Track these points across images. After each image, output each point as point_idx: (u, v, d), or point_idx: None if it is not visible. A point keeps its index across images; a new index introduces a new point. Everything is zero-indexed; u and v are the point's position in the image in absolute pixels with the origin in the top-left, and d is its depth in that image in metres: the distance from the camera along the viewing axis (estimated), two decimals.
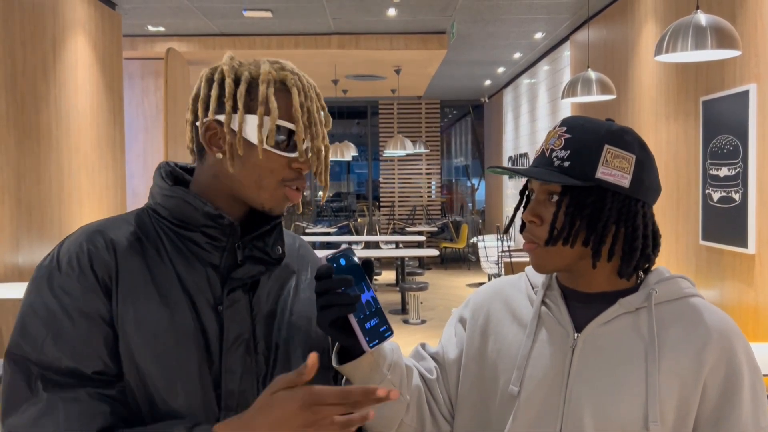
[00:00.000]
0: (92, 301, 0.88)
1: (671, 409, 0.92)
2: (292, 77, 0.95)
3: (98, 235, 0.93)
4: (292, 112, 0.94)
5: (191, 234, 0.96)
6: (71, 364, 0.85)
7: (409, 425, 1.06)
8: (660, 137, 4.78)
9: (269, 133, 0.93)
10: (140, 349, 0.89)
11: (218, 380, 0.93)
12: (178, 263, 0.95)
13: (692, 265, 4.27)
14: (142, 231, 0.96)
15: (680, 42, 2.89)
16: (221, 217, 0.95)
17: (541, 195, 1.00)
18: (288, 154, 0.94)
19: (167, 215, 0.97)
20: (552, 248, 0.97)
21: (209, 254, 0.96)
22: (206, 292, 0.94)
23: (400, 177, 12.67)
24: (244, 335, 0.95)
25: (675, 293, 1.00)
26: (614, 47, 5.74)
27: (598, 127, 0.98)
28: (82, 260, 0.90)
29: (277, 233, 1.03)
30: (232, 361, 0.94)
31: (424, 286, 7.17)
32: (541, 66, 8.47)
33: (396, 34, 7.28)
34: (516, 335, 1.05)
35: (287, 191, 0.97)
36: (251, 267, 0.98)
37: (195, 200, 0.95)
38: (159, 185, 0.99)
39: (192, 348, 0.91)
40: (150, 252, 0.94)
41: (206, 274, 0.95)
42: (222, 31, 7.13)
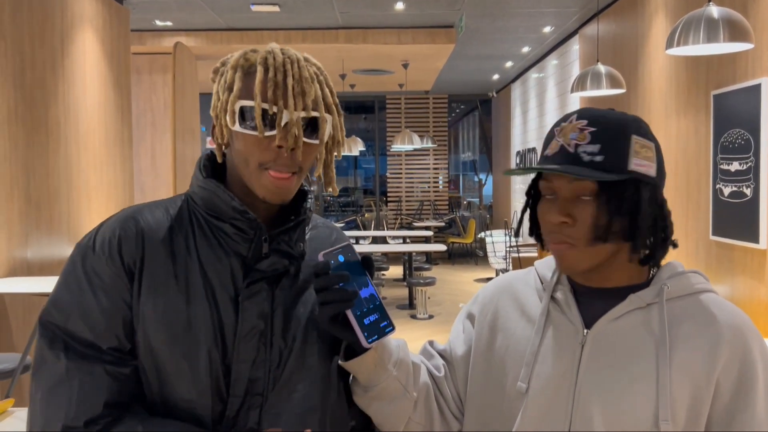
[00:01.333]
0: (117, 284, 0.93)
1: (683, 408, 0.90)
2: (264, 56, 0.95)
3: (131, 221, 0.98)
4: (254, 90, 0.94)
5: (221, 224, 0.99)
6: (91, 338, 0.91)
7: (418, 423, 1.05)
8: (670, 132, 4.74)
9: (230, 114, 0.94)
10: (155, 335, 0.92)
11: (229, 368, 0.94)
12: (204, 253, 0.98)
13: (702, 260, 4.24)
14: (178, 217, 1.00)
15: (692, 35, 2.86)
16: (246, 213, 0.97)
17: (568, 193, 0.95)
18: (248, 131, 0.94)
19: (201, 204, 1.01)
20: (591, 247, 0.94)
21: (237, 245, 0.98)
22: (227, 282, 0.97)
23: (407, 172, 12.65)
24: (260, 327, 0.96)
25: (687, 288, 0.97)
26: (624, 41, 5.70)
27: (620, 117, 0.95)
28: (113, 245, 0.95)
29: (300, 230, 1.03)
30: (245, 351, 0.95)
31: (431, 281, 7.16)
32: (550, 60, 8.42)
33: (404, 29, 7.25)
34: (525, 331, 1.03)
35: (269, 176, 0.95)
36: (276, 260, 0.99)
37: (224, 194, 0.98)
38: (196, 175, 1.03)
39: (204, 336, 0.93)
40: (177, 241, 0.98)
41: (230, 264, 0.98)
42: (229, 26, 7.13)
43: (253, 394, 0.95)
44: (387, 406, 1.01)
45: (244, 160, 0.96)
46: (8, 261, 3.86)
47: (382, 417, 1.03)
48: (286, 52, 0.97)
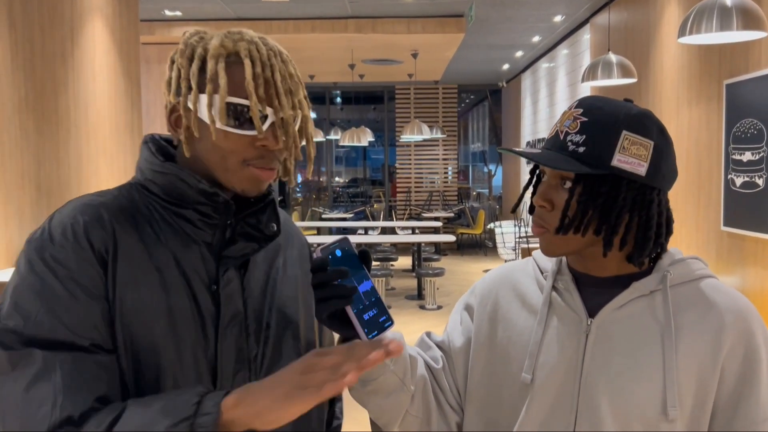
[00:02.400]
0: (88, 272, 0.84)
1: (689, 393, 0.90)
2: (247, 47, 0.89)
3: (93, 208, 0.89)
4: (245, 86, 0.89)
5: (183, 211, 0.93)
6: (68, 337, 0.81)
7: (415, 416, 1.04)
8: (682, 121, 4.70)
9: (219, 111, 0.87)
10: (138, 332, 0.86)
11: (214, 363, 0.91)
12: (173, 242, 0.91)
13: (713, 251, 4.21)
14: (135, 207, 0.92)
15: (705, 23, 2.82)
16: (216, 195, 0.92)
17: (552, 179, 0.96)
18: (244, 131, 0.89)
19: (158, 191, 0.93)
20: (562, 236, 0.94)
21: (202, 232, 0.93)
22: (201, 271, 0.92)
23: (416, 163, 12.62)
24: (238, 316, 0.93)
25: (689, 275, 0.97)
26: (635, 30, 5.64)
27: (617, 110, 0.93)
28: (78, 231, 0.86)
29: (271, 210, 0.99)
30: (228, 343, 0.92)
31: (440, 272, 7.16)
32: (560, 50, 8.36)
33: (413, 18, 7.22)
34: (526, 322, 1.02)
35: (253, 171, 0.91)
36: (244, 245, 0.95)
37: (190, 177, 0.91)
38: (149, 160, 0.95)
39: (188, 331, 0.89)
40: (145, 229, 0.91)
41: (200, 252, 0.93)
42: (238, 16, 7.12)
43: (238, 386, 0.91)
44: (384, 400, 1.00)
45: (222, 156, 0.91)
46: (19, 249, 3.89)
47: (379, 411, 1.02)
48: (266, 43, 0.92)
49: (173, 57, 0.94)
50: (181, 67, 0.91)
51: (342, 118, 17.03)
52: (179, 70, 0.92)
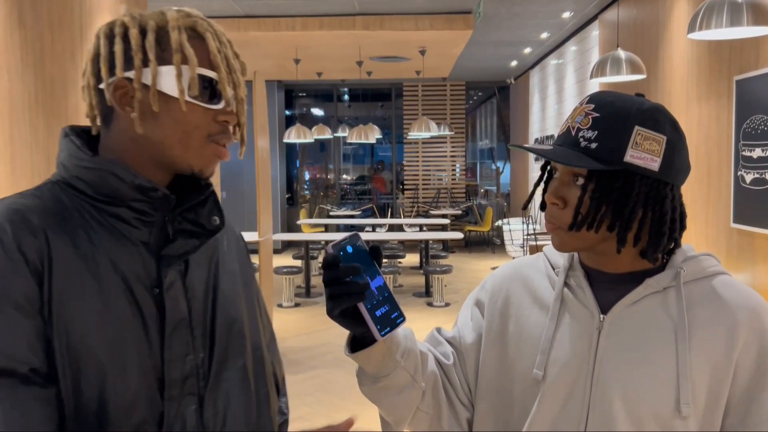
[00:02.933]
0: (21, 288, 0.77)
1: (703, 391, 0.90)
2: (202, 22, 0.89)
3: (20, 214, 0.81)
4: (210, 59, 0.87)
5: (117, 209, 0.86)
6: (6, 365, 0.74)
7: (426, 412, 1.03)
8: (691, 118, 4.68)
9: (191, 82, 0.84)
10: (79, 347, 0.79)
11: (160, 370, 0.85)
12: (109, 245, 0.85)
13: (723, 248, 4.19)
14: (63, 209, 0.85)
15: (714, 18, 2.81)
16: (154, 190, 0.87)
17: (565, 176, 0.95)
18: (212, 105, 0.87)
19: (87, 189, 0.86)
20: (575, 232, 0.94)
21: (137, 231, 0.87)
22: (141, 274, 0.86)
23: (424, 159, 12.61)
24: (184, 320, 0.89)
25: (702, 272, 0.97)
26: (644, 26, 5.61)
27: (629, 105, 0.92)
28: (6, 241, 0.78)
29: (212, 202, 0.95)
30: (174, 350, 0.87)
31: (448, 269, 7.16)
32: (569, 46, 8.33)
33: (421, 15, 7.20)
34: (538, 317, 1.02)
35: (214, 148, 0.89)
36: (184, 242, 0.90)
37: (125, 172, 0.85)
38: (74, 155, 0.88)
39: (132, 341, 0.83)
40: (79, 233, 0.84)
41: (139, 254, 0.87)
42: (247, 13, 7.13)
43: (187, 394, 0.88)
44: (395, 397, 0.99)
45: (184, 132, 0.86)
46: None
47: (390, 407, 1.02)
48: (207, 20, 0.91)
49: (109, 31, 0.88)
50: (132, 38, 0.85)
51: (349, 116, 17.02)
52: (126, 42, 0.86)
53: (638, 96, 0.96)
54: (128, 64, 0.86)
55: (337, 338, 5.73)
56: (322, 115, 16.09)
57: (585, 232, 0.94)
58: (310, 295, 7.79)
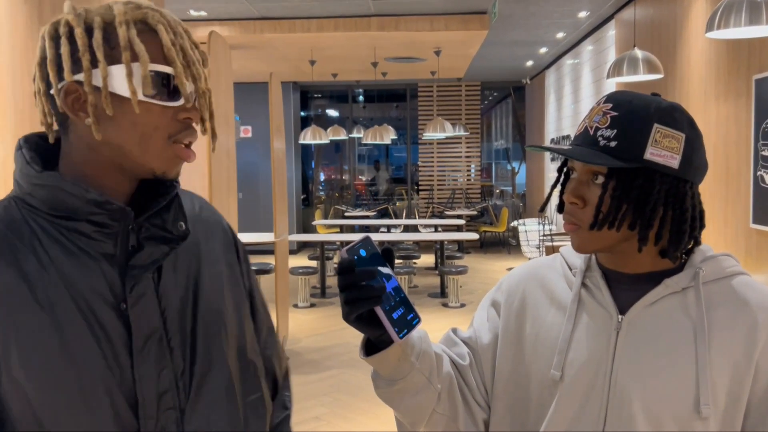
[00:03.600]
0: None
1: (723, 392, 0.90)
2: (153, 13, 0.81)
3: None
4: (164, 53, 0.80)
5: (75, 224, 0.81)
6: None
7: (442, 414, 1.03)
8: (709, 117, 4.64)
9: (144, 80, 0.78)
10: (31, 383, 0.75)
11: (132, 390, 0.80)
12: (63, 264, 0.79)
13: (742, 248, 4.15)
14: (13, 230, 0.80)
15: (733, 17, 2.78)
16: (109, 203, 0.81)
17: (583, 175, 0.95)
18: (171, 103, 0.81)
19: (41, 206, 0.81)
20: (596, 232, 0.94)
21: (100, 243, 0.82)
22: (104, 290, 0.81)
23: (439, 160, 12.60)
24: (156, 333, 0.83)
25: (721, 272, 0.96)
26: (661, 25, 5.57)
27: (647, 104, 0.93)
28: None
29: (176, 207, 0.89)
30: (146, 366, 0.82)
31: (463, 270, 7.15)
32: (585, 46, 8.28)
33: (436, 15, 7.20)
34: (555, 318, 1.02)
35: (177, 149, 0.83)
36: (153, 249, 0.85)
37: (74, 188, 0.80)
38: (24, 172, 0.83)
39: (94, 366, 0.78)
40: (26, 258, 0.78)
41: (101, 269, 0.81)
42: (262, 15, 7.16)
43: (165, 410, 0.83)
44: (411, 399, 0.99)
45: (143, 134, 0.80)
46: None
47: (405, 410, 1.01)
48: (160, 10, 0.84)
49: (54, 32, 0.82)
50: (78, 38, 0.79)
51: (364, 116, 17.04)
52: (72, 43, 0.80)
53: (654, 95, 0.97)
54: (76, 66, 0.80)
55: (353, 338, 5.74)
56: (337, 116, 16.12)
57: (606, 231, 0.93)
58: (325, 296, 7.81)
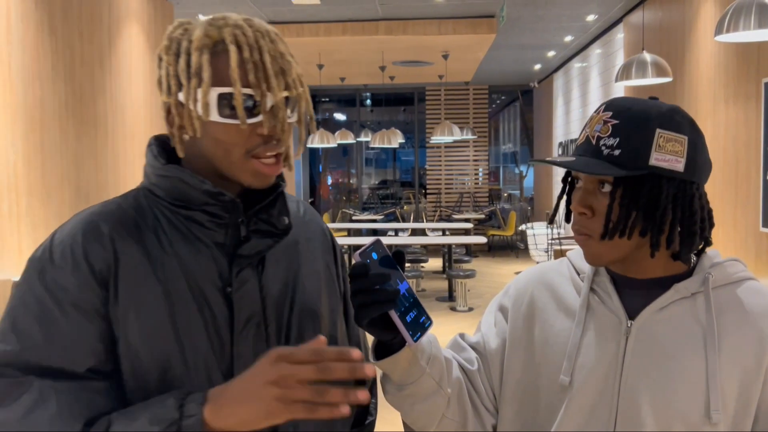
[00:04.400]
0: (87, 295, 0.83)
1: (732, 397, 0.89)
2: (232, 32, 0.85)
3: (93, 224, 0.87)
4: (229, 74, 0.84)
5: (191, 213, 0.90)
6: (64, 364, 0.80)
7: (451, 419, 1.02)
8: (718, 120, 4.62)
9: (202, 106, 0.84)
10: (143, 346, 0.84)
11: (230, 367, 0.88)
12: (180, 248, 0.88)
13: (752, 252, 4.12)
14: (140, 215, 0.90)
15: (743, 20, 2.77)
16: (221, 194, 0.89)
17: (589, 184, 0.95)
18: (231, 120, 0.85)
19: (164, 195, 0.91)
20: (608, 241, 0.93)
21: (213, 233, 0.90)
22: (213, 274, 0.89)
23: (446, 164, 12.59)
24: (255, 317, 0.90)
25: (730, 277, 0.96)
26: (670, 28, 5.56)
27: (647, 109, 0.92)
28: (77, 252, 0.84)
29: (281, 203, 0.95)
30: (244, 346, 0.89)
31: (471, 274, 7.13)
32: (593, 49, 8.27)
33: (444, 19, 7.21)
34: (563, 323, 1.01)
35: (255, 164, 0.87)
36: (258, 241, 0.92)
37: (192, 179, 0.88)
38: (152, 164, 0.92)
39: (198, 340, 0.86)
40: (149, 239, 0.88)
41: (212, 255, 0.90)
42: (271, 19, 7.19)
43: None
44: (421, 404, 0.99)
45: (225, 150, 0.87)
46: None
47: (415, 415, 1.01)
48: (252, 25, 0.88)
49: (160, 54, 0.90)
50: (168, 64, 0.87)
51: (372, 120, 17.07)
52: (167, 67, 0.88)
53: (652, 99, 0.96)
54: (168, 89, 0.89)
55: None
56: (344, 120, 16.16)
57: (618, 240, 0.93)
58: None
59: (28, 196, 3.67)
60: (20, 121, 3.59)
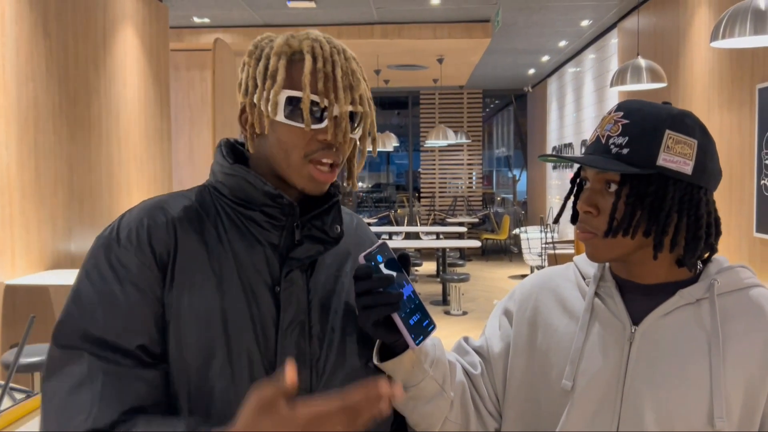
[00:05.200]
0: (147, 276, 0.87)
1: (737, 405, 0.89)
2: (310, 44, 0.92)
3: (160, 211, 0.93)
4: (302, 80, 0.90)
5: (251, 213, 0.94)
6: (117, 339, 0.84)
7: (454, 422, 1.03)
8: (712, 126, 4.64)
9: (272, 105, 0.89)
10: (191, 332, 0.87)
11: (273, 363, 0.90)
12: (236, 243, 0.93)
13: (746, 257, 4.14)
14: (203, 208, 0.95)
15: (738, 27, 2.79)
16: (281, 197, 0.93)
17: (597, 184, 0.95)
18: (295, 123, 0.90)
19: (228, 193, 0.96)
20: (611, 239, 0.93)
21: (268, 233, 0.94)
22: (264, 273, 0.93)
23: (440, 168, 12.60)
24: (300, 317, 0.93)
25: (737, 283, 0.95)
26: (664, 34, 5.58)
27: (658, 111, 0.93)
28: (141, 235, 0.89)
29: (336, 212, 1.00)
30: (287, 345, 0.91)
31: (465, 278, 7.14)
32: (587, 54, 8.30)
33: (439, 23, 7.22)
34: (567, 327, 1.01)
35: (311, 169, 0.92)
36: (310, 246, 0.96)
37: (255, 179, 0.93)
38: (220, 163, 0.98)
39: (243, 333, 0.89)
40: (209, 231, 0.93)
41: (265, 254, 0.93)
42: (266, 22, 7.19)
43: (298, 392, 0.90)
44: (424, 407, 0.99)
45: (285, 151, 0.92)
46: (53, 254, 3.96)
47: (418, 417, 1.01)
48: (330, 41, 0.94)
49: (243, 59, 0.97)
50: (249, 67, 0.94)
51: None
52: (248, 69, 0.95)
53: (666, 104, 0.96)
54: (247, 90, 0.95)
55: None
56: None
57: (621, 239, 0.93)
58: None
59: (21, 197, 3.64)
60: (14, 122, 3.57)
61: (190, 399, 0.87)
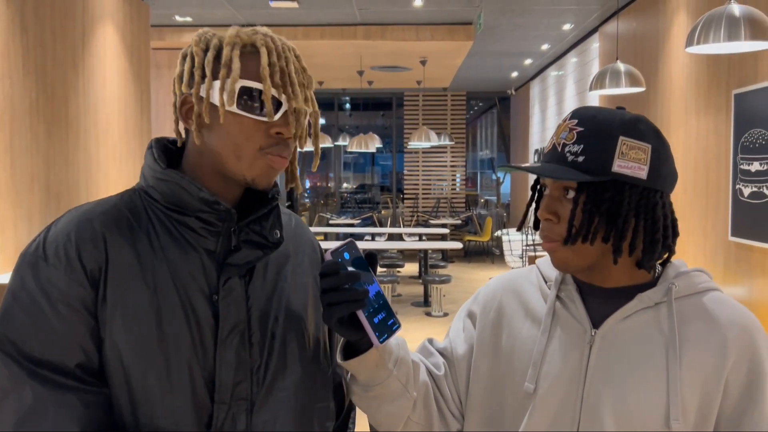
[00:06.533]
0: (78, 294, 0.85)
1: (693, 407, 0.90)
2: (263, 38, 0.91)
3: (87, 224, 0.88)
4: (259, 71, 0.89)
5: (185, 219, 0.91)
6: (54, 358, 0.82)
7: (417, 423, 1.03)
8: (690, 131, 4.69)
9: (229, 93, 0.87)
10: (127, 348, 0.85)
11: (212, 374, 0.89)
12: (170, 251, 0.90)
13: (721, 261, 4.19)
14: (134, 216, 0.91)
15: (712, 33, 2.82)
16: (217, 203, 0.91)
17: (555, 191, 0.96)
18: (257, 116, 0.88)
19: (160, 199, 0.92)
20: (572, 246, 0.94)
21: (204, 239, 0.92)
22: (201, 281, 0.90)
23: (424, 169, 12.63)
24: (240, 326, 0.91)
25: (693, 287, 0.97)
26: (644, 39, 5.64)
27: (611, 118, 0.94)
28: (70, 252, 0.86)
29: (275, 216, 0.97)
30: (227, 354, 0.89)
31: (447, 279, 7.15)
32: (569, 58, 8.36)
33: (422, 25, 7.24)
34: (530, 330, 1.02)
35: (269, 159, 0.90)
36: (248, 252, 0.93)
37: (190, 185, 0.90)
38: (151, 167, 0.94)
39: (181, 344, 0.87)
40: (141, 240, 0.90)
41: (201, 261, 0.91)
42: (248, 21, 7.16)
43: (237, 399, 0.90)
44: (387, 406, 1.00)
45: (235, 144, 0.89)
46: None
47: (381, 417, 1.02)
48: (280, 38, 0.93)
49: (185, 52, 0.94)
50: (196, 56, 0.91)
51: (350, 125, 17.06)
52: (193, 59, 0.92)
53: (620, 109, 0.98)
54: (192, 81, 0.91)
55: None
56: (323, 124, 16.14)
57: (581, 246, 0.94)
58: None
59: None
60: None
61: (132, 412, 0.86)
